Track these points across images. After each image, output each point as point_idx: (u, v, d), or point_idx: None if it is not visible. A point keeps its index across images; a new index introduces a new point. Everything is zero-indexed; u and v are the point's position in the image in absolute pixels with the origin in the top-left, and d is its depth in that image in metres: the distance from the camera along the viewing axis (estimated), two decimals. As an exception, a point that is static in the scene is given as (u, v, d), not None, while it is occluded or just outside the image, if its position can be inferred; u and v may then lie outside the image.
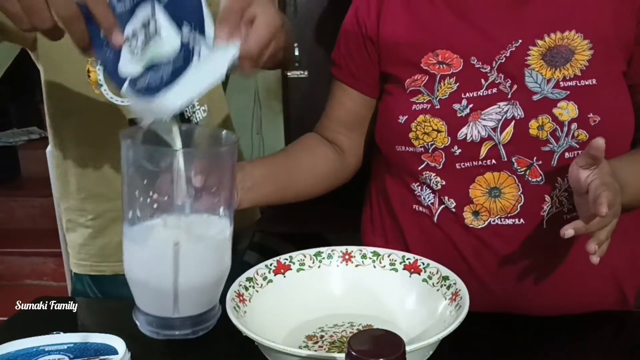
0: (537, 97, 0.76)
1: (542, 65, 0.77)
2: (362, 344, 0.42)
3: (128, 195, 0.59)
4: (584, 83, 0.75)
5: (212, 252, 0.61)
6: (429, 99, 0.80)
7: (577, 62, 0.76)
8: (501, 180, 0.78)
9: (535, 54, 0.77)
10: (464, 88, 0.79)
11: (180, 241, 0.57)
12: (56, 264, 2.59)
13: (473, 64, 0.80)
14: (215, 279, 0.62)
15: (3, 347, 0.62)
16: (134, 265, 0.60)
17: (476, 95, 0.78)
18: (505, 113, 0.76)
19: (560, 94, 0.75)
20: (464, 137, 0.78)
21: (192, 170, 0.59)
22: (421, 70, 0.82)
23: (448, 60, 0.81)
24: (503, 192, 0.78)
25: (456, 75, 0.80)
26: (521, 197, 0.78)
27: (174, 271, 0.57)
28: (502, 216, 0.79)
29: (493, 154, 0.77)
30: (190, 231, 0.61)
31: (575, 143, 0.75)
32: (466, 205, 0.80)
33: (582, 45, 0.77)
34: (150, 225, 0.60)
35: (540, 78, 0.77)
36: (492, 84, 0.78)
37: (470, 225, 0.80)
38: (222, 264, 0.63)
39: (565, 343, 0.74)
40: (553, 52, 0.77)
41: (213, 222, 0.62)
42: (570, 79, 0.76)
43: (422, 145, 0.80)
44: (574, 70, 0.76)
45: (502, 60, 0.78)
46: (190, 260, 0.58)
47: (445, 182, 0.81)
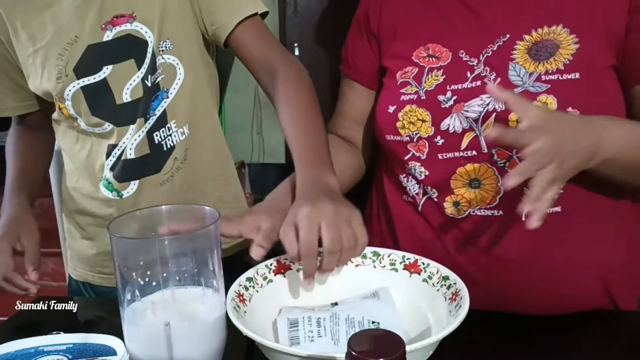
0: (518, 90, 0.77)
1: (526, 59, 0.78)
2: (362, 344, 0.42)
3: (120, 280, 0.61)
4: (566, 77, 0.76)
5: (204, 330, 0.61)
6: (416, 90, 0.83)
7: (560, 56, 0.77)
8: (481, 171, 0.80)
9: (521, 48, 0.79)
10: (449, 80, 0.81)
11: (170, 322, 0.59)
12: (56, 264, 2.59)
13: (461, 57, 0.82)
14: (211, 354, 0.63)
15: (3, 347, 0.62)
16: (132, 344, 0.61)
17: (461, 87, 0.80)
18: (487, 105, 0.78)
19: (541, 87, 0.76)
20: (446, 128, 0.80)
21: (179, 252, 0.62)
22: (412, 63, 0.85)
23: (437, 54, 0.84)
24: (483, 184, 0.80)
25: (444, 68, 0.83)
26: (500, 189, 0.79)
27: (168, 351, 0.59)
28: (481, 207, 0.80)
29: (474, 145, 0.79)
30: (180, 311, 0.63)
31: None
32: (447, 196, 0.82)
33: (567, 39, 0.77)
34: (142, 307, 0.62)
35: (523, 72, 0.78)
36: (478, 76, 0.80)
37: (450, 215, 0.83)
38: (217, 339, 0.63)
39: (566, 343, 0.74)
40: (538, 46, 0.78)
41: (203, 300, 0.63)
42: (553, 73, 0.76)
43: (407, 134, 0.83)
44: (557, 64, 0.77)
45: (488, 53, 0.81)
46: (183, 339, 0.59)
47: (428, 172, 0.83)
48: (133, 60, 0.94)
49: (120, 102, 0.94)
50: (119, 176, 0.99)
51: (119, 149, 0.97)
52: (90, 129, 0.97)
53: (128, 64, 0.94)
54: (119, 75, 0.94)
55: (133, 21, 0.93)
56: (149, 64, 0.94)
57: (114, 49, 0.93)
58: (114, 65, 0.93)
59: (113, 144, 0.97)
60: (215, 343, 0.62)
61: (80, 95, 0.93)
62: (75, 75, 0.92)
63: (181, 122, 0.99)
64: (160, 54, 0.95)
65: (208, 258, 0.63)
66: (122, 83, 0.94)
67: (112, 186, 1.00)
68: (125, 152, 0.97)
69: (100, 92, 0.94)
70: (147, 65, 0.94)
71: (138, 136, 0.96)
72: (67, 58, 0.92)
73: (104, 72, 0.93)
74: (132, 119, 0.95)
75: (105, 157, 0.98)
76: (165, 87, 0.97)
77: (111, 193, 1.00)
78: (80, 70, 0.93)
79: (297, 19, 3.32)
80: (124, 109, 0.95)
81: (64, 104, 0.94)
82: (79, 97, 0.94)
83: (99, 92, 0.94)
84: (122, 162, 0.98)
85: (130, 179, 0.99)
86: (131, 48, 0.93)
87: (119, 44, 0.93)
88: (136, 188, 1.00)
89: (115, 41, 0.93)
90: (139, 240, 0.62)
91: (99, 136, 0.98)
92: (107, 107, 0.95)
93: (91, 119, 0.95)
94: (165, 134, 0.99)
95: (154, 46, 0.94)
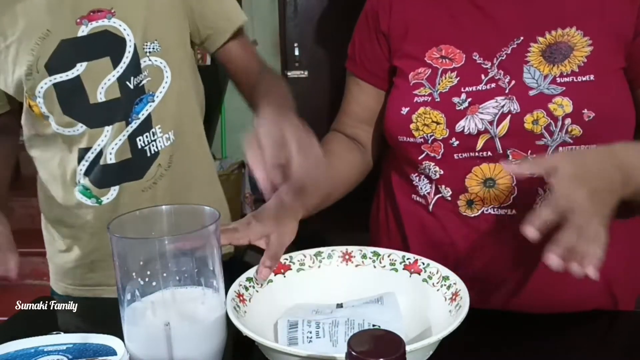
0: (534, 92, 0.77)
1: (541, 61, 0.78)
2: (362, 344, 0.42)
3: (120, 280, 0.61)
4: (580, 79, 0.76)
5: (204, 330, 0.61)
6: (430, 92, 0.82)
7: (575, 59, 0.77)
8: (496, 171, 0.80)
9: (535, 50, 0.79)
10: (464, 82, 0.81)
11: (170, 322, 0.59)
12: (55, 264, 2.60)
13: (475, 59, 0.82)
14: (211, 354, 0.62)
15: (3, 347, 0.62)
16: (132, 344, 0.61)
17: (475, 89, 0.80)
18: (502, 107, 0.78)
19: (556, 89, 0.76)
20: (461, 130, 0.80)
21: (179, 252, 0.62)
22: (425, 64, 0.84)
23: (451, 55, 0.83)
24: (497, 183, 0.80)
25: (457, 69, 0.82)
26: (514, 189, 0.79)
27: (168, 351, 0.59)
28: (495, 206, 0.81)
29: (489, 146, 0.79)
30: (180, 311, 0.62)
31: (569, 138, 0.76)
32: (461, 194, 0.83)
33: (581, 42, 0.77)
34: (142, 307, 0.62)
35: (538, 74, 0.78)
36: (492, 79, 0.80)
37: (464, 213, 0.83)
38: (217, 339, 0.63)
39: (566, 342, 0.74)
40: (552, 48, 0.78)
41: (203, 300, 0.63)
42: (567, 75, 0.76)
43: (422, 136, 0.82)
44: (571, 67, 0.77)
45: (502, 57, 0.80)
46: (183, 339, 0.59)
47: (443, 171, 0.83)
48: (109, 57, 0.90)
49: (94, 101, 0.91)
50: (97, 181, 0.96)
51: (92, 152, 0.94)
52: (61, 130, 0.93)
53: (103, 62, 0.90)
54: (93, 73, 0.90)
55: (111, 17, 0.90)
56: (128, 64, 0.91)
57: (88, 45, 0.89)
58: (88, 62, 0.90)
59: (85, 148, 0.94)
60: (215, 343, 0.62)
61: (52, 93, 0.90)
62: (46, 71, 0.89)
63: (167, 128, 0.97)
64: (147, 55, 0.92)
65: (208, 258, 0.63)
66: (97, 81, 0.90)
67: (90, 192, 0.96)
68: (104, 156, 0.94)
69: (73, 90, 0.90)
70: (125, 64, 0.91)
71: (119, 140, 0.93)
72: (38, 53, 0.88)
73: (77, 70, 0.89)
74: (108, 120, 0.92)
75: (77, 162, 0.95)
76: (150, 90, 0.94)
77: (89, 199, 0.97)
78: (52, 66, 0.89)
79: (297, 19, 3.32)
80: (98, 109, 0.92)
81: (35, 101, 0.90)
82: (51, 95, 0.90)
83: (71, 90, 0.90)
84: (100, 167, 0.94)
85: (110, 184, 0.96)
86: (107, 45, 0.90)
87: (94, 40, 0.89)
88: (116, 194, 0.96)
89: (91, 37, 0.89)
90: (139, 240, 0.62)
91: (70, 140, 0.94)
92: (80, 106, 0.91)
93: (63, 118, 0.92)
94: (150, 139, 0.95)
95: (138, 46, 0.91)
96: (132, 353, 0.61)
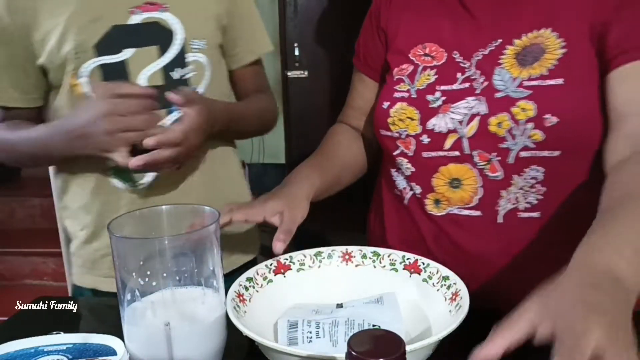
0: (500, 94, 0.78)
1: (513, 64, 0.79)
2: (362, 344, 0.42)
3: (120, 280, 0.61)
4: (549, 83, 0.76)
5: (204, 330, 0.61)
6: (408, 88, 0.85)
7: (546, 61, 0.77)
8: (462, 172, 0.81)
9: (510, 53, 0.79)
10: (440, 81, 0.83)
11: (170, 322, 0.59)
12: (56, 264, 2.59)
13: (454, 57, 0.83)
14: (211, 354, 0.63)
15: (3, 347, 0.61)
16: (132, 344, 0.61)
17: (450, 88, 0.82)
18: (472, 108, 0.79)
19: (523, 93, 0.76)
20: (432, 127, 0.81)
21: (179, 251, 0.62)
22: (408, 60, 0.87)
23: (433, 53, 0.85)
24: (463, 184, 0.81)
25: (437, 67, 0.84)
26: (479, 190, 0.80)
27: (168, 351, 0.59)
28: (460, 206, 0.82)
29: (457, 146, 0.80)
30: (180, 311, 0.63)
31: (531, 143, 0.76)
32: (429, 193, 0.85)
33: (555, 44, 0.77)
34: (142, 307, 0.62)
35: (508, 77, 0.78)
36: (468, 79, 0.81)
37: (430, 212, 0.85)
38: (217, 339, 0.63)
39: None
40: (526, 50, 0.79)
41: (203, 300, 0.64)
42: (536, 79, 0.76)
43: (397, 130, 0.85)
44: (540, 70, 0.77)
45: (479, 57, 0.81)
46: (183, 339, 0.59)
47: (414, 169, 0.85)
48: (156, 47, 0.94)
49: None
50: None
51: None
52: None
53: (150, 50, 0.94)
54: (139, 59, 0.94)
55: (164, 11, 0.95)
56: (175, 57, 0.95)
57: (138, 33, 0.93)
58: (136, 48, 0.94)
59: None
60: (215, 343, 0.62)
61: (97, 74, 0.93)
62: (95, 52, 0.92)
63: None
64: (192, 51, 0.97)
65: (208, 258, 0.63)
66: (141, 67, 0.94)
67: (127, 176, 0.97)
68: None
69: (118, 73, 0.93)
70: (171, 55, 0.95)
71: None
72: (88, 34, 0.91)
73: (125, 54, 0.93)
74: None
75: None
76: (193, 84, 0.99)
77: (125, 183, 0.98)
78: (101, 48, 0.92)
79: (297, 19, 3.32)
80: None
81: (78, 80, 0.93)
82: (95, 75, 0.93)
83: (116, 73, 0.93)
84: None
85: (146, 170, 0.96)
86: (157, 35, 0.94)
87: (145, 30, 0.94)
88: (152, 179, 0.98)
89: (142, 25, 0.94)
90: (139, 240, 0.62)
91: None
92: None
93: None
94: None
95: (186, 41, 0.96)
96: (132, 353, 0.61)
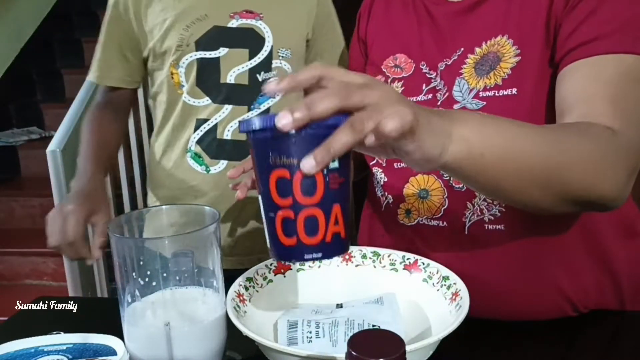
0: (457, 106, 0.78)
1: (472, 74, 0.78)
2: (362, 344, 0.42)
3: (120, 280, 0.61)
4: (502, 93, 0.75)
5: (204, 330, 0.61)
6: None
7: (500, 70, 0.76)
8: (430, 182, 0.82)
9: (470, 62, 0.79)
10: (406, 92, 0.83)
11: (170, 322, 0.59)
12: (56, 264, 2.59)
13: (422, 68, 0.84)
14: (211, 354, 0.63)
15: (3, 347, 0.62)
16: (132, 344, 0.61)
17: (415, 99, 0.82)
18: None
19: (478, 104, 0.76)
20: None
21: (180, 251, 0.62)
22: (380, 72, 0.88)
23: (402, 64, 0.86)
24: (430, 195, 0.82)
25: (405, 79, 0.85)
26: (445, 201, 0.81)
27: (168, 351, 0.59)
28: (428, 217, 0.83)
29: None
30: (180, 311, 0.63)
31: None
32: (401, 203, 0.85)
33: (510, 51, 0.76)
34: (142, 307, 0.62)
35: (466, 87, 0.78)
36: (432, 89, 0.82)
37: (401, 221, 0.86)
38: (217, 339, 0.63)
39: (568, 343, 0.74)
40: (483, 59, 0.78)
41: (203, 300, 0.64)
42: (490, 89, 0.76)
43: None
44: (495, 79, 0.76)
45: (442, 67, 0.81)
46: (183, 339, 0.59)
47: (387, 178, 0.86)
48: (247, 50, 1.06)
49: (224, 81, 1.07)
50: (210, 152, 1.09)
51: (208, 124, 1.08)
52: (188, 99, 1.08)
53: (242, 52, 1.06)
54: (231, 58, 1.06)
55: (259, 20, 1.07)
56: (262, 60, 1.07)
57: (235, 35, 1.06)
58: (230, 49, 1.06)
59: (204, 119, 1.08)
60: (215, 343, 0.62)
61: (193, 66, 1.06)
62: (195, 46, 1.05)
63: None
64: (279, 58, 1.08)
65: (208, 258, 0.63)
66: (231, 66, 1.06)
67: (202, 160, 1.10)
68: (221, 132, 1.08)
69: (211, 68, 1.06)
70: (259, 59, 1.07)
71: (238, 121, 1.06)
72: (192, 30, 1.04)
73: (220, 52, 1.06)
74: (229, 100, 1.07)
75: (193, 130, 1.09)
76: None
77: (200, 166, 1.10)
78: (201, 44, 1.05)
79: (297, 19, 3.33)
80: (224, 88, 1.07)
81: (177, 70, 1.07)
82: (191, 67, 1.06)
83: (209, 67, 1.06)
84: (217, 140, 1.08)
85: (220, 157, 1.09)
86: (250, 40, 1.06)
87: (241, 33, 1.06)
88: (223, 168, 1.09)
89: (238, 30, 1.06)
90: (139, 240, 0.62)
91: (192, 110, 1.08)
92: (211, 82, 1.06)
93: (195, 89, 1.07)
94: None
95: (274, 49, 1.07)
96: (132, 353, 0.61)
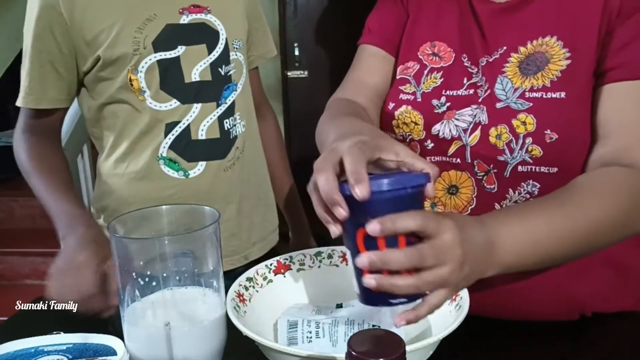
0: (501, 105, 0.76)
1: (515, 72, 0.77)
2: (362, 344, 0.42)
3: (121, 280, 0.61)
4: (550, 96, 0.74)
5: (204, 330, 0.61)
6: (414, 91, 0.83)
7: (549, 72, 0.75)
8: (461, 180, 0.80)
9: (514, 61, 0.78)
10: (446, 85, 0.81)
11: (170, 322, 0.59)
12: (56, 264, 2.59)
13: (463, 61, 0.82)
14: (211, 354, 0.63)
15: (3, 347, 0.62)
16: (132, 344, 0.61)
17: (455, 94, 0.80)
18: (475, 117, 0.78)
19: (523, 105, 0.75)
20: (437, 133, 0.80)
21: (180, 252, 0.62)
22: (416, 58, 0.85)
23: (442, 53, 0.84)
24: (460, 191, 0.81)
25: (444, 69, 0.82)
26: (474, 200, 0.80)
27: (168, 351, 0.59)
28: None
29: (459, 153, 0.79)
30: (180, 311, 0.63)
31: (528, 158, 0.74)
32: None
33: (559, 54, 0.75)
34: (142, 307, 0.62)
35: (509, 86, 0.76)
36: (473, 84, 0.80)
37: None
38: (217, 339, 0.63)
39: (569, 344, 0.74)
40: (530, 59, 0.77)
41: (203, 300, 0.64)
42: (538, 90, 0.75)
43: (401, 134, 0.84)
44: (543, 81, 0.75)
45: (483, 63, 0.80)
46: (183, 339, 0.59)
47: None
48: (204, 45, 1.03)
49: (189, 80, 1.02)
50: (186, 156, 1.04)
51: (180, 126, 1.02)
52: (154, 105, 1.01)
53: (199, 48, 1.02)
54: (190, 56, 1.02)
55: (208, 13, 1.04)
56: (220, 54, 1.04)
57: (189, 31, 1.02)
58: (187, 46, 1.01)
59: (173, 122, 1.02)
60: (215, 343, 0.63)
61: (154, 69, 1.00)
62: (152, 48, 0.99)
63: (242, 116, 1.09)
64: (234, 49, 1.07)
65: (208, 258, 0.63)
66: (193, 64, 1.02)
67: (178, 165, 1.04)
68: (195, 133, 1.03)
69: (173, 69, 1.01)
70: (217, 53, 1.04)
71: (210, 119, 1.04)
72: (146, 32, 0.99)
73: (178, 51, 1.01)
74: (198, 99, 1.03)
75: (163, 135, 1.02)
76: (235, 81, 1.07)
77: (176, 172, 1.04)
78: (157, 44, 1.00)
79: (297, 19, 3.32)
80: (191, 88, 1.02)
81: (137, 75, 0.99)
82: (153, 70, 1.00)
83: (171, 68, 1.01)
84: (192, 142, 1.03)
85: (198, 159, 1.04)
86: (204, 35, 1.03)
87: (194, 29, 1.03)
88: (203, 169, 1.04)
89: (190, 26, 1.03)
90: (139, 240, 0.62)
91: (159, 116, 1.01)
92: (175, 84, 1.02)
93: (160, 93, 1.01)
94: (232, 123, 1.07)
95: (228, 41, 1.05)
96: (132, 353, 0.61)
